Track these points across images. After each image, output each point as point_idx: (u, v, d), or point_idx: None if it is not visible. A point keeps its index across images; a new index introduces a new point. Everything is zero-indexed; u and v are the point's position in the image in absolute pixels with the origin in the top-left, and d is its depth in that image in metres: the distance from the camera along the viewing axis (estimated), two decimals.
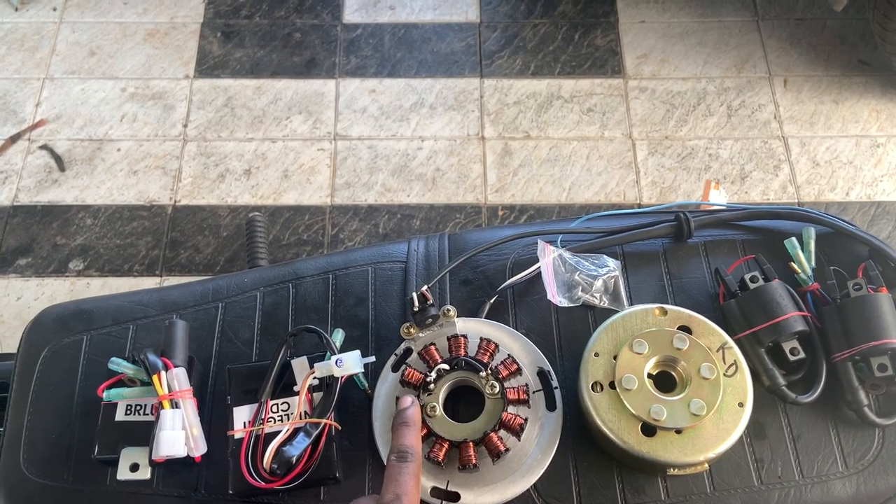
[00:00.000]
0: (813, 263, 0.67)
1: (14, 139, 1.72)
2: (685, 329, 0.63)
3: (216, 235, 1.62)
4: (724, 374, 0.61)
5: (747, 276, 0.66)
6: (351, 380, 0.65)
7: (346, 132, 1.74)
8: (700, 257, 0.71)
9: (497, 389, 0.62)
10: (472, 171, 1.70)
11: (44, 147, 1.71)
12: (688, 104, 1.79)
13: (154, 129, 1.74)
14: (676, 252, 0.72)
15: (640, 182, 1.69)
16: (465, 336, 0.65)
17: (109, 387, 0.63)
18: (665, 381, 0.62)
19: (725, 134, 1.75)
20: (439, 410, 0.62)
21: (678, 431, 0.59)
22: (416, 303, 0.65)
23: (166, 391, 0.61)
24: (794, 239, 0.68)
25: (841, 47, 1.86)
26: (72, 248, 1.60)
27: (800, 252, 0.67)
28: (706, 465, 0.59)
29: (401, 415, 0.60)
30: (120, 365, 0.63)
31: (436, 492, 0.61)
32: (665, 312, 0.64)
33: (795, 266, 0.67)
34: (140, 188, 1.67)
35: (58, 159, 1.69)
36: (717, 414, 0.59)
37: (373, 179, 1.69)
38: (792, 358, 0.63)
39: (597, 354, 0.63)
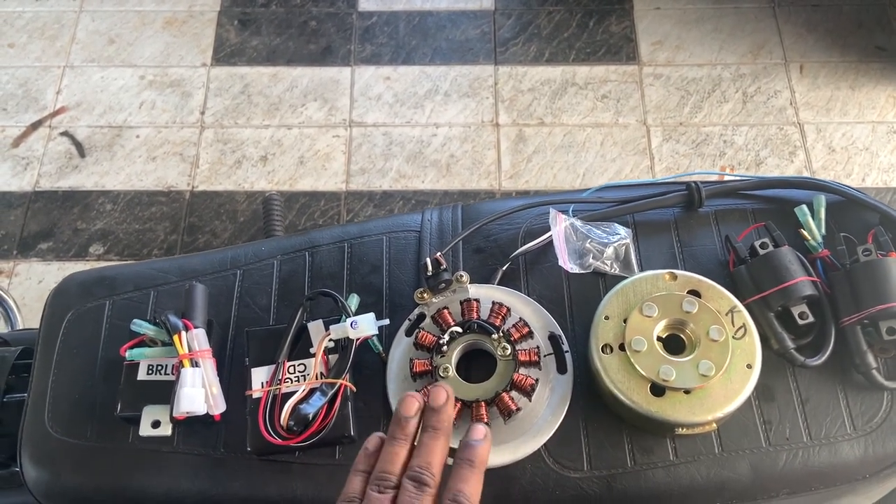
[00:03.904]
0: (823, 231, 0.68)
1: (35, 126, 1.75)
2: (695, 293, 0.64)
3: (233, 220, 1.64)
4: (733, 337, 0.61)
5: (757, 243, 0.66)
6: (366, 344, 0.67)
7: (362, 119, 1.76)
8: (711, 226, 0.72)
9: (509, 351, 0.64)
10: (487, 157, 1.71)
11: (64, 134, 1.74)
12: (703, 91, 1.79)
13: (172, 116, 1.76)
14: (687, 221, 0.73)
15: (654, 168, 1.70)
16: (477, 300, 0.67)
17: (131, 347, 0.65)
18: (674, 344, 0.63)
19: (741, 120, 1.75)
20: (452, 372, 0.64)
21: (687, 392, 0.60)
22: (430, 267, 0.67)
23: (186, 350, 0.63)
24: (804, 206, 0.69)
25: (858, 33, 1.85)
26: (92, 233, 1.63)
27: (810, 219, 0.68)
28: (714, 426, 0.60)
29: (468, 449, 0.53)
30: (142, 326, 0.65)
31: (449, 451, 0.62)
32: (675, 277, 0.65)
33: (805, 233, 0.68)
34: (158, 174, 1.69)
35: (78, 146, 1.72)
36: (725, 375, 0.60)
37: (387, 166, 1.70)
38: (801, 322, 0.63)
39: (607, 318, 0.64)
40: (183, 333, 0.63)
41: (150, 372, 0.65)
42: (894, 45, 1.80)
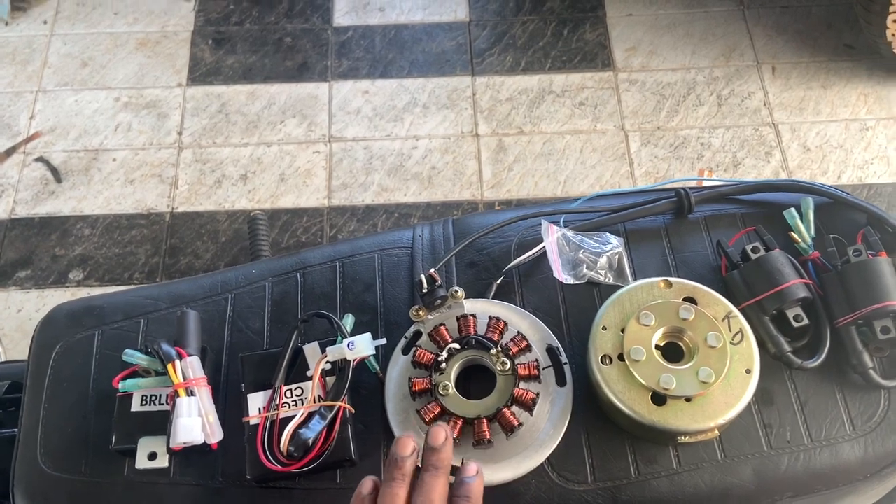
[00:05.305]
0: (812, 233, 0.69)
1: (9, 152, 1.72)
2: (690, 300, 0.64)
3: (215, 241, 1.62)
4: (731, 343, 0.62)
5: (749, 248, 0.67)
6: (362, 364, 0.66)
7: (341, 134, 1.75)
8: (701, 232, 0.73)
9: (508, 366, 0.63)
10: (468, 167, 1.71)
11: (40, 159, 1.71)
12: (678, 94, 1.81)
13: (149, 138, 1.74)
14: (678, 228, 0.73)
15: (634, 173, 1.71)
16: (474, 315, 0.66)
17: (124, 378, 0.64)
18: (673, 352, 0.63)
19: (716, 123, 1.77)
20: (452, 389, 0.63)
21: (688, 400, 0.60)
22: (425, 284, 0.66)
23: (181, 379, 0.62)
24: (793, 209, 0.70)
25: (827, 33, 1.88)
26: (71, 259, 1.60)
27: (799, 222, 0.69)
28: (716, 432, 0.60)
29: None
30: (134, 356, 0.64)
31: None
32: (670, 285, 0.65)
33: (795, 236, 0.68)
34: (137, 196, 1.67)
35: (54, 171, 1.70)
36: (725, 381, 0.60)
37: (369, 180, 1.70)
38: (796, 325, 0.64)
39: (604, 328, 0.64)
40: (177, 362, 0.62)
41: (145, 402, 0.64)
42: (863, 44, 1.83)
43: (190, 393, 0.61)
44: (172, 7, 1.94)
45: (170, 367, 0.61)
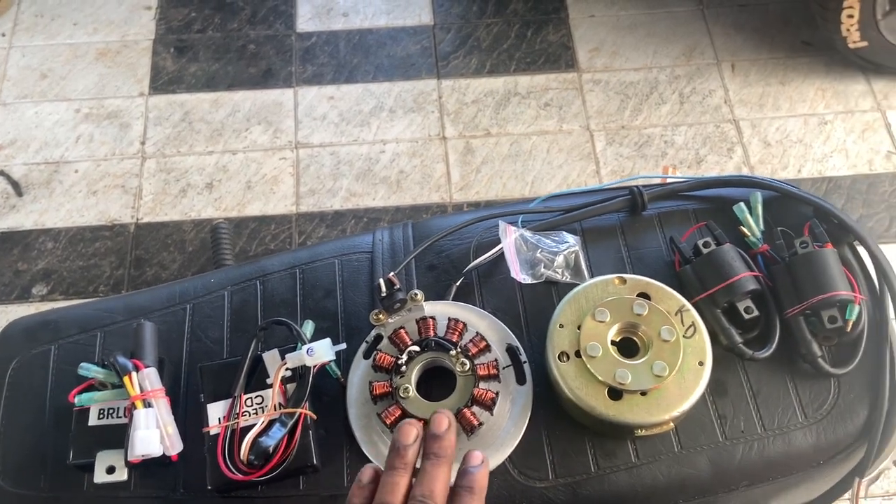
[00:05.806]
0: (761, 226, 0.70)
1: None
2: (644, 296, 0.65)
3: (181, 251, 1.61)
4: (684, 336, 0.63)
5: (700, 243, 0.68)
6: (324, 370, 0.66)
7: (308, 140, 1.75)
8: (655, 228, 0.74)
9: (467, 367, 0.64)
10: (436, 170, 1.72)
11: (0, 173, 1.69)
12: (641, 94, 1.83)
13: (111, 149, 1.72)
14: (632, 225, 0.74)
15: (600, 172, 1.72)
16: (433, 318, 0.67)
17: (81, 392, 0.63)
18: (628, 347, 0.64)
19: (679, 120, 1.79)
20: (412, 391, 0.63)
21: (643, 393, 0.61)
22: (384, 288, 0.66)
23: (138, 391, 0.61)
24: (742, 204, 0.71)
25: (784, 30, 1.92)
26: (34, 273, 1.58)
27: (748, 216, 0.70)
28: (672, 424, 0.61)
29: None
30: (90, 370, 0.63)
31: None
32: (624, 281, 0.66)
33: (745, 230, 0.70)
34: (100, 208, 1.65)
35: (14, 185, 1.67)
36: (678, 374, 0.61)
37: (337, 185, 1.69)
38: (746, 316, 0.65)
39: (561, 326, 0.64)
40: (133, 374, 0.61)
41: (102, 416, 0.63)
42: (819, 40, 1.87)
43: (147, 405, 0.61)
44: (133, 16, 1.92)
45: (126, 379, 0.61)
